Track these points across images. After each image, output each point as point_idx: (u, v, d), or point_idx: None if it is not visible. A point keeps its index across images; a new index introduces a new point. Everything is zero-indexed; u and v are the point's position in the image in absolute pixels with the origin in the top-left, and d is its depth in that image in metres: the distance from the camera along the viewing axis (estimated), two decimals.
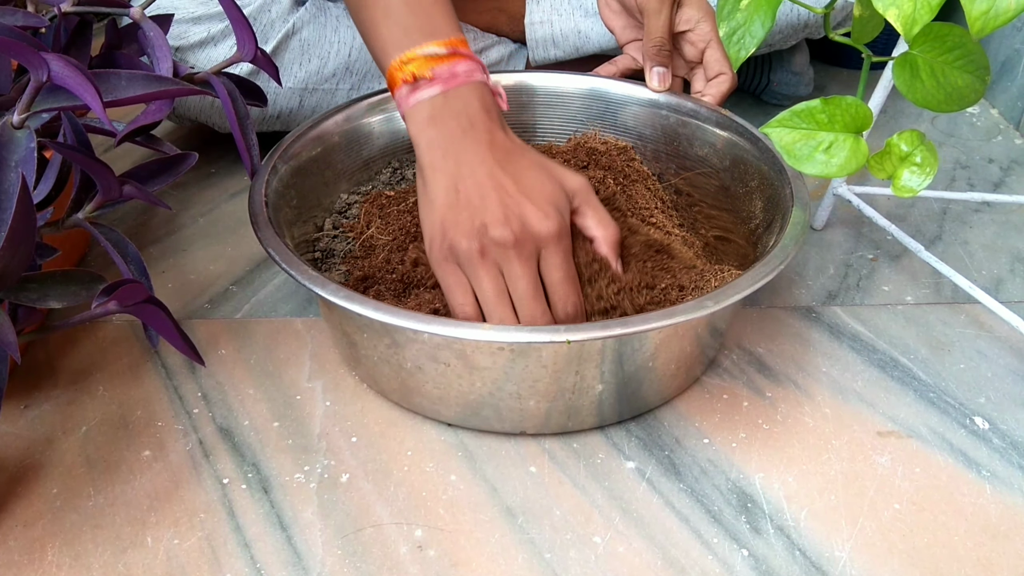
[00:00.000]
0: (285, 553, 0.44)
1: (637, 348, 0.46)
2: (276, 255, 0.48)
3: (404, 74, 0.48)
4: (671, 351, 0.48)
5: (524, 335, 0.42)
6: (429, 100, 0.48)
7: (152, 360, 0.56)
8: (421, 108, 0.48)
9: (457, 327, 0.43)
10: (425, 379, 0.48)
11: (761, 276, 0.46)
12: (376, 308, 0.44)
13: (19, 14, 0.48)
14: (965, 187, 0.77)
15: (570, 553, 0.44)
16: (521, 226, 0.46)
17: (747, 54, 0.47)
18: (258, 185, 0.53)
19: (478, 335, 0.43)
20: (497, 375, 0.46)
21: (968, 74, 0.45)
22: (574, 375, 0.46)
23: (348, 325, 0.50)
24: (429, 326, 0.43)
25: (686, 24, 0.64)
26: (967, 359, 0.57)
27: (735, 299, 0.44)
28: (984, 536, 0.45)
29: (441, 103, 0.48)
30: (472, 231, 0.46)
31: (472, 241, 0.46)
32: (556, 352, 0.44)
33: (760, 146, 0.58)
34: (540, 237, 0.46)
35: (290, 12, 0.73)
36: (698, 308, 0.44)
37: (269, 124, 0.76)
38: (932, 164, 0.48)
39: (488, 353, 0.45)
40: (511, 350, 0.44)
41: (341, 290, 0.45)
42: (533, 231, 0.46)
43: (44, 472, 0.48)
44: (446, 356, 0.45)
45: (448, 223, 0.47)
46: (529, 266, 0.46)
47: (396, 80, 0.49)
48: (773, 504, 0.47)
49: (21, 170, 0.41)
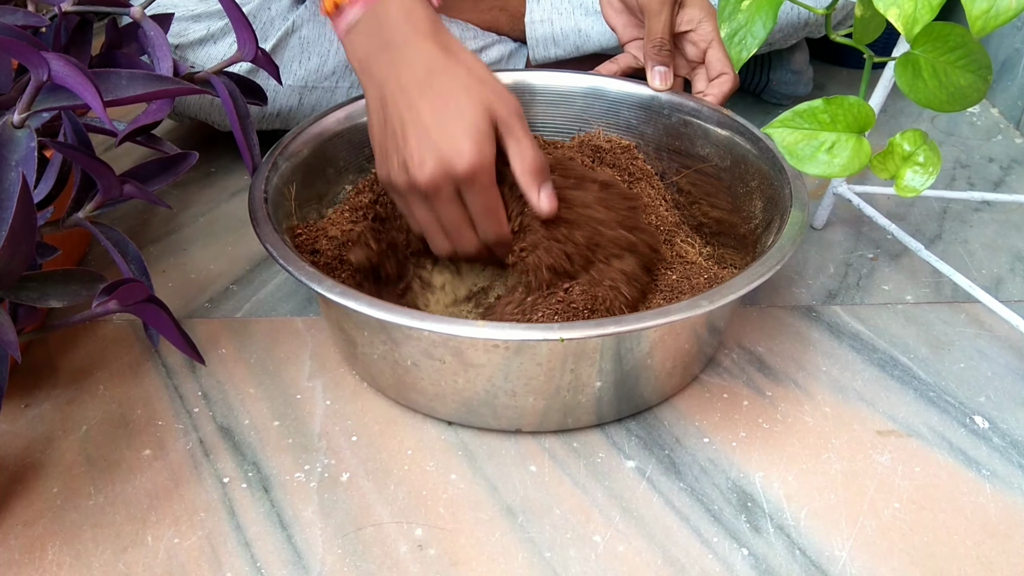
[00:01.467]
0: (285, 552, 0.44)
1: (633, 346, 0.46)
2: (274, 251, 0.48)
3: (328, 4, 0.50)
4: (667, 349, 0.48)
5: (518, 333, 0.42)
6: (356, 23, 0.49)
7: (152, 359, 0.56)
8: (350, 34, 0.49)
9: (451, 324, 0.43)
10: (421, 376, 0.48)
11: (757, 275, 0.46)
12: (372, 305, 0.44)
13: (19, 13, 0.48)
14: (965, 186, 0.77)
15: (570, 552, 0.44)
16: (435, 166, 0.46)
17: (748, 55, 0.47)
18: (258, 182, 0.53)
19: (472, 332, 0.43)
20: (492, 372, 0.46)
21: (970, 74, 0.45)
22: (569, 373, 0.46)
23: (346, 322, 0.50)
24: (424, 323, 0.43)
25: (688, 24, 0.64)
26: (967, 358, 0.57)
27: (731, 298, 0.44)
28: (984, 535, 0.45)
29: (364, 23, 0.49)
30: (399, 167, 0.48)
31: (401, 175, 0.48)
32: (551, 349, 0.44)
33: (761, 146, 0.58)
34: (455, 175, 0.46)
35: (290, 10, 0.73)
36: (693, 307, 0.44)
37: (269, 122, 0.75)
38: (935, 164, 0.48)
39: (483, 350, 0.45)
40: (506, 347, 0.44)
41: (337, 287, 0.45)
42: (448, 170, 0.46)
43: (44, 471, 0.48)
44: (441, 353, 0.46)
45: (385, 150, 0.49)
46: (450, 202, 0.47)
47: (329, 10, 0.50)
48: (773, 503, 0.47)
49: (21, 169, 0.41)
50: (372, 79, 0.49)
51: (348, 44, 0.50)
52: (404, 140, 0.47)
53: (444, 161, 0.46)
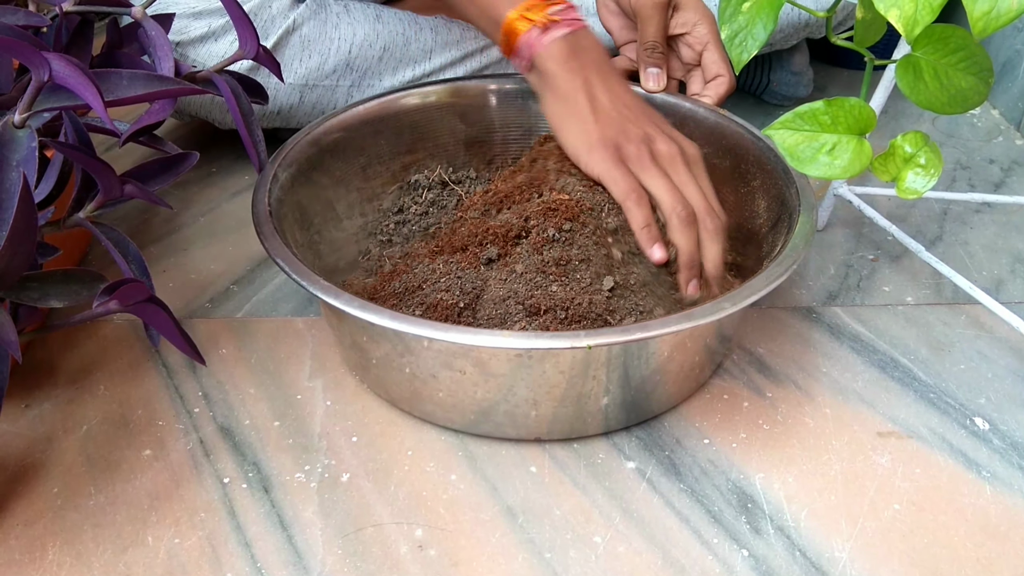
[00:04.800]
0: (286, 552, 0.44)
1: (655, 352, 0.46)
2: (285, 265, 0.47)
3: (534, 19, 0.57)
4: (685, 353, 0.48)
5: (542, 341, 0.42)
6: (562, 38, 0.56)
7: (153, 359, 0.56)
8: (558, 46, 0.56)
9: (475, 335, 0.43)
10: (439, 387, 0.47)
11: (776, 276, 0.46)
12: (392, 317, 0.43)
13: (20, 13, 0.48)
14: (966, 188, 0.77)
15: (570, 553, 0.44)
16: (671, 144, 0.54)
17: (749, 56, 0.47)
18: (260, 194, 0.53)
19: (495, 342, 0.42)
20: (514, 382, 0.45)
21: (971, 76, 0.45)
22: (592, 380, 0.46)
23: (358, 333, 0.49)
24: (447, 334, 0.43)
25: (683, 27, 0.64)
26: (967, 360, 0.57)
27: (751, 299, 0.44)
28: (984, 536, 0.45)
29: (572, 40, 0.57)
30: (639, 138, 0.53)
31: (641, 146, 0.53)
32: (574, 357, 0.44)
33: (761, 146, 0.58)
34: (690, 156, 0.54)
35: (290, 8, 0.73)
36: (716, 310, 0.43)
37: (269, 120, 0.75)
38: (936, 166, 0.47)
39: (505, 360, 0.44)
40: (529, 356, 0.44)
41: (354, 300, 0.44)
42: (685, 149, 0.54)
43: (45, 471, 0.48)
44: (462, 364, 0.45)
45: (610, 131, 0.54)
46: (690, 175, 0.53)
47: (519, 28, 0.57)
48: (773, 504, 0.47)
49: (22, 169, 0.41)
50: (584, 82, 0.56)
51: (551, 51, 0.56)
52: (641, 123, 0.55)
53: (679, 142, 0.54)
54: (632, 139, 0.53)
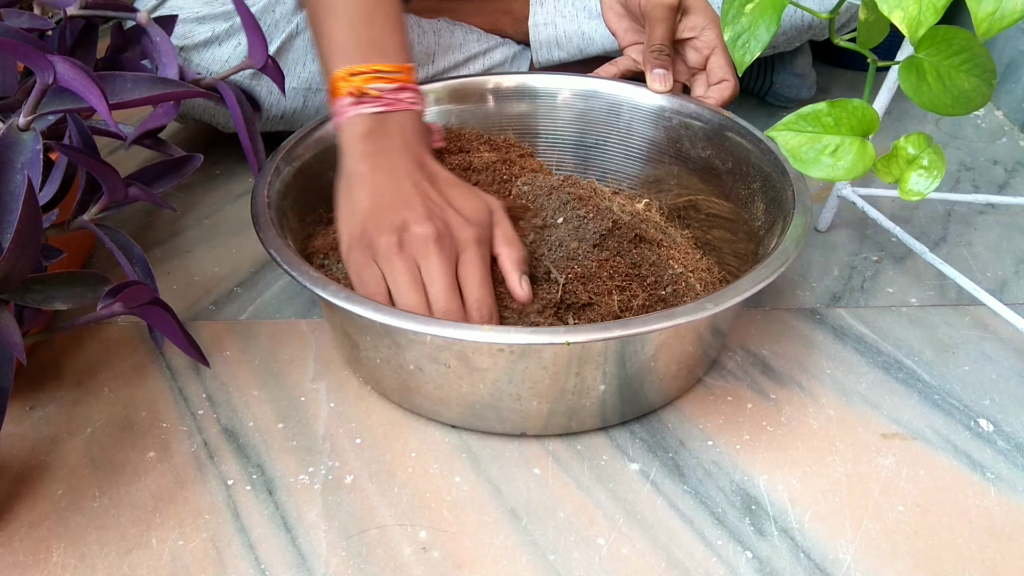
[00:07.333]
0: (289, 554, 0.44)
1: (638, 349, 0.46)
2: (278, 257, 0.48)
3: (350, 86, 0.51)
4: (672, 352, 0.48)
5: (524, 336, 0.42)
6: (370, 116, 0.51)
7: (157, 361, 0.56)
8: (359, 121, 0.51)
9: (457, 328, 0.43)
10: (426, 380, 0.48)
11: (762, 278, 0.46)
12: (377, 310, 0.44)
13: (25, 16, 0.48)
14: (970, 189, 0.77)
15: (574, 555, 0.44)
16: (443, 225, 0.48)
17: (752, 58, 0.47)
18: (260, 187, 0.53)
19: (478, 336, 0.43)
20: (497, 376, 0.46)
21: (975, 77, 0.44)
22: (574, 376, 0.46)
23: (349, 326, 0.50)
24: (429, 327, 0.43)
25: (691, 31, 0.64)
26: (971, 361, 0.57)
27: (736, 301, 0.44)
28: (988, 538, 0.45)
29: (380, 121, 0.51)
30: (392, 228, 0.47)
31: (391, 236, 0.47)
32: (556, 353, 0.44)
33: (762, 148, 0.58)
34: (461, 239, 0.48)
35: (294, 13, 0.73)
36: (698, 310, 0.44)
37: (273, 124, 0.76)
38: (939, 167, 0.47)
39: (488, 354, 0.45)
40: (511, 351, 0.44)
41: (342, 291, 0.45)
42: (454, 232, 0.48)
43: (49, 473, 0.48)
44: (446, 357, 0.46)
45: (369, 224, 0.48)
46: (448, 263, 0.47)
47: (339, 89, 0.51)
48: (777, 506, 0.46)
49: (27, 172, 0.41)
50: (372, 168, 0.50)
51: (352, 127, 0.51)
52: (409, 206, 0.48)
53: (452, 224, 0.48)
54: (384, 229, 0.47)
